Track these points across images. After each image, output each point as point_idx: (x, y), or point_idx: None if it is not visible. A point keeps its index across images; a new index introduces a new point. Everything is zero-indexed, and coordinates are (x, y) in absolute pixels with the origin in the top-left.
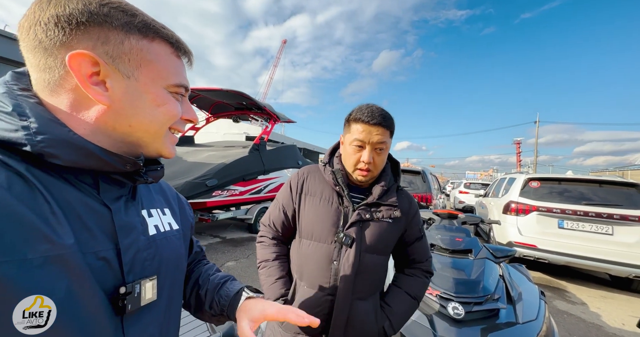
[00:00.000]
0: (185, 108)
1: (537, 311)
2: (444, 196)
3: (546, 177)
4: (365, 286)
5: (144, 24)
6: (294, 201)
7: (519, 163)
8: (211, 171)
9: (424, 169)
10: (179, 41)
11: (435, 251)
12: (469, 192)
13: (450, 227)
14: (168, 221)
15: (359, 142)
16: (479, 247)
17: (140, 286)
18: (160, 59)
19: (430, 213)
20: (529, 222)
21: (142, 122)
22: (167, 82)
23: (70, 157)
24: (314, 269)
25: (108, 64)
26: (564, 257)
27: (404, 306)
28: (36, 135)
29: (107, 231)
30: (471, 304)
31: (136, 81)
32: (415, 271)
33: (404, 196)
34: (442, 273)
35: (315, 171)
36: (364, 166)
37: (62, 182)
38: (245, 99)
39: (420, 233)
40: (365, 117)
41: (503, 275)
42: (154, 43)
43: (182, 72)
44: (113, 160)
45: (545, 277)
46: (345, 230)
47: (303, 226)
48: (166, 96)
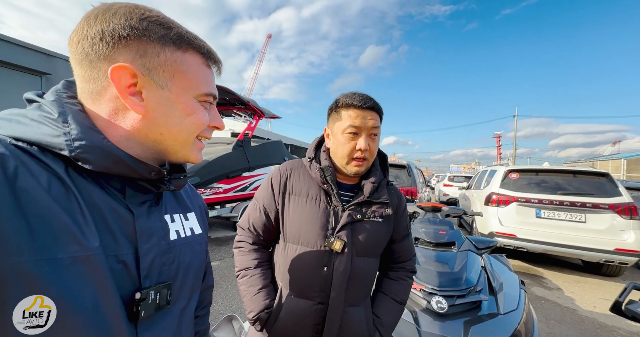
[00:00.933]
0: (212, 115)
1: (517, 300)
2: (429, 189)
3: (524, 168)
4: (357, 292)
5: (178, 36)
6: (277, 201)
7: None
8: (193, 168)
9: (409, 163)
10: (210, 51)
11: (420, 245)
12: (452, 185)
13: (434, 220)
14: (191, 225)
15: (354, 129)
16: (462, 240)
17: (156, 292)
18: (191, 69)
19: (414, 207)
20: (509, 213)
21: (172, 131)
22: (197, 91)
23: (102, 163)
24: (302, 276)
25: (145, 75)
26: (541, 246)
27: (392, 314)
28: (74, 142)
29: (128, 235)
30: (454, 297)
31: (169, 91)
32: (400, 273)
33: (393, 192)
34: (426, 267)
35: (298, 168)
36: (362, 154)
37: (93, 186)
38: (228, 94)
39: (407, 230)
40: (357, 102)
41: (485, 266)
42: (187, 54)
43: (211, 81)
44: (139, 167)
45: (524, 264)
46: (336, 233)
47: (288, 229)
48: (195, 105)
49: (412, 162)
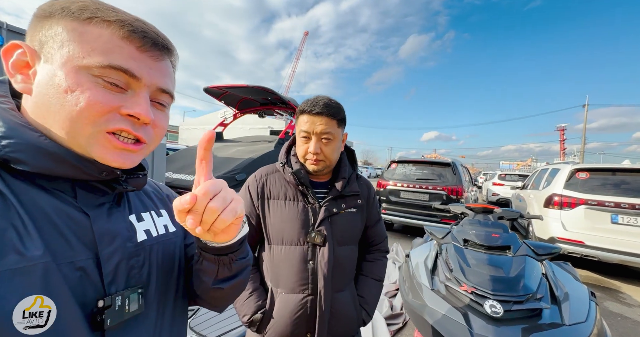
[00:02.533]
0: (131, 101)
1: (586, 312)
2: (476, 188)
3: (597, 167)
4: (341, 278)
5: (81, 7)
6: (257, 207)
7: (562, 152)
8: (240, 165)
9: (454, 160)
10: (123, 20)
11: (469, 247)
12: (504, 184)
13: (486, 223)
14: (164, 222)
15: (305, 133)
16: (519, 244)
17: (123, 297)
18: (86, 37)
19: (462, 207)
20: (576, 217)
21: (52, 115)
22: (85, 61)
23: (39, 163)
24: (290, 273)
25: (35, 50)
26: (617, 255)
27: (374, 291)
28: (1, 140)
29: (85, 239)
30: (510, 303)
31: (51, 64)
32: (375, 254)
33: (362, 183)
34: (477, 270)
35: (273, 172)
36: (312, 157)
37: (35, 189)
38: (270, 94)
39: (378, 215)
40: (307, 108)
41: (546, 273)
42: (90, 25)
43: (122, 54)
44: (87, 167)
45: (594, 276)
46: (316, 228)
47: (272, 231)
48: (79, 80)
49: (457, 159)
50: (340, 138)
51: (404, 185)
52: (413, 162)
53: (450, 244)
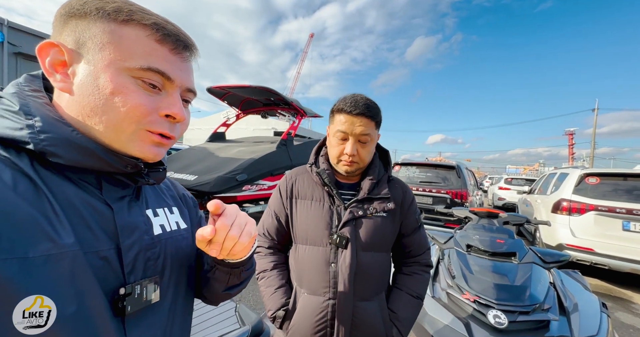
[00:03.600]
0: (165, 102)
1: (597, 325)
2: (482, 192)
3: (607, 172)
4: (367, 286)
5: (116, 9)
6: (285, 206)
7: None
8: (241, 166)
9: (458, 163)
10: (158, 24)
11: (473, 253)
12: (510, 189)
13: (490, 228)
14: (176, 219)
15: (342, 134)
16: (525, 250)
17: (141, 286)
18: (125, 41)
19: (466, 211)
20: (585, 223)
21: (97, 112)
22: (127, 63)
23: (72, 156)
24: (312, 274)
25: (74, 50)
26: (629, 264)
27: (409, 309)
28: (39, 134)
29: (108, 230)
30: (516, 313)
31: (93, 65)
32: (413, 267)
33: (396, 186)
34: (481, 277)
35: (303, 173)
36: (347, 159)
37: (65, 181)
38: (273, 94)
39: (417, 223)
40: (347, 107)
41: (554, 282)
42: (127, 27)
43: (158, 56)
44: (114, 160)
45: (605, 285)
46: (339, 230)
47: (297, 230)
48: (125, 83)
49: (462, 163)
50: (376, 140)
51: None
52: (417, 164)
53: (453, 249)
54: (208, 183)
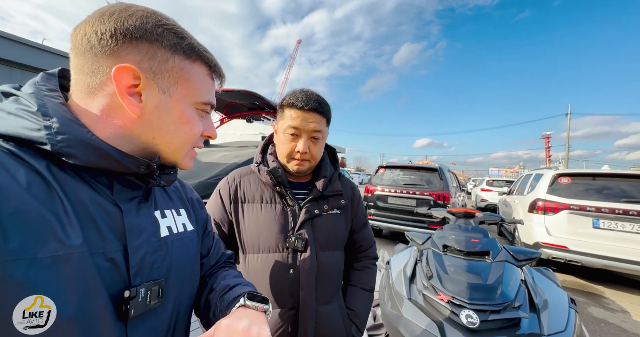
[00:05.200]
0: (207, 125)
1: (566, 320)
2: (465, 194)
3: (578, 172)
4: (327, 288)
5: (190, 47)
6: (229, 212)
7: (548, 159)
8: (224, 170)
9: (440, 165)
10: (217, 65)
11: (449, 253)
12: (492, 190)
13: (466, 227)
14: (183, 221)
15: (293, 130)
16: (498, 249)
17: (146, 290)
18: (196, 78)
19: (444, 212)
20: (559, 222)
21: (165, 137)
22: (197, 99)
23: (87, 157)
24: (269, 284)
25: (149, 78)
26: (599, 260)
27: (365, 304)
28: (57, 135)
29: (117, 231)
30: (487, 313)
31: (169, 97)
32: (364, 262)
33: (346, 183)
34: (455, 277)
35: (247, 174)
36: (300, 156)
37: (78, 181)
38: (257, 98)
39: (365, 218)
40: (299, 103)
41: (526, 280)
42: (195, 64)
43: (212, 92)
44: (128, 161)
45: (579, 281)
46: (297, 232)
47: (246, 239)
48: (192, 114)
49: (445, 165)
50: (326, 137)
51: (392, 190)
52: (401, 167)
53: (430, 250)
54: None
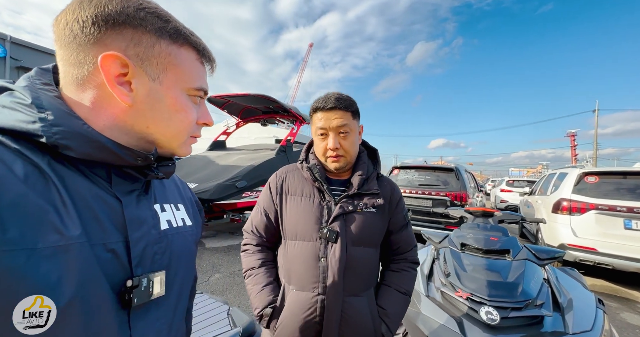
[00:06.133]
0: (201, 112)
1: (592, 320)
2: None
3: (605, 170)
4: (356, 281)
5: (175, 30)
6: (275, 202)
7: (574, 157)
8: (240, 173)
9: (457, 165)
10: (205, 49)
11: (467, 251)
12: (512, 191)
13: (485, 226)
14: (182, 216)
15: (321, 130)
16: (519, 248)
17: (148, 279)
18: (185, 64)
19: (462, 211)
20: (586, 222)
21: (159, 125)
22: (189, 85)
23: (84, 149)
24: (301, 269)
25: (137, 66)
26: (633, 263)
27: (398, 305)
28: (52, 127)
29: (117, 223)
30: (508, 309)
31: (160, 84)
32: (401, 264)
33: (385, 184)
34: (474, 275)
35: (293, 170)
36: (332, 153)
37: (75, 174)
38: (272, 102)
39: (405, 220)
40: (321, 105)
41: (549, 279)
42: (182, 49)
43: (203, 77)
44: (125, 153)
45: (610, 285)
46: (329, 225)
47: (286, 227)
48: (185, 101)
49: (462, 165)
50: (357, 130)
51: (407, 191)
52: (415, 167)
53: (447, 248)
54: (208, 191)
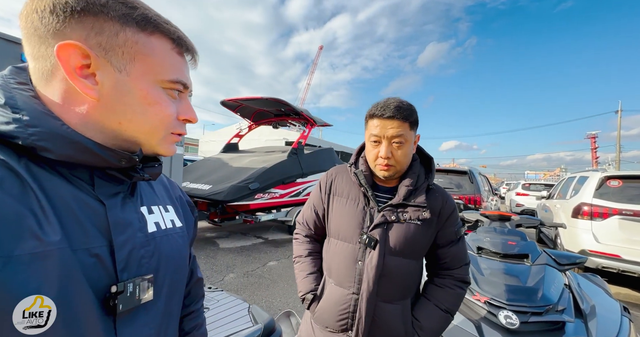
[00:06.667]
0: (182, 107)
1: (617, 328)
2: (497, 198)
3: (630, 174)
4: (391, 289)
5: (143, 17)
6: (324, 201)
7: (595, 160)
8: (253, 175)
9: (471, 168)
10: (181, 37)
11: (484, 255)
12: (528, 194)
13: (502, 230)
14: (171, 218)
15: (375, 138)
16: (538, 252)
17: (134, 284)
18: (156, 53)
19: (477, 214)
20: (609, 228)
21: (132, 121)
22: (161, 77)
23: (63, 151)
24: (340, 267)
25: (100, 56)
26: None
27: (434, 321)
28: (28, 128)
29: (101, 227)
30: (528, 314)
31: (127, 76)
32: (446, 280)
33: (437, 195)
34: (492, 279)
35: (343, 172)
36: (382, 162)
37: (55, 177)
38: (284, 105)
39: (455, 236)
40: (379, 112)
41: (570, 285)
42: (153, 37)
43: (181, 69)
44: (107, 155)
45: (636, 294)
46: (369, 231)
47: (331, 225)
48: (158, 94)
49: (476, 168)
50: (413, 140)
51: None
52: None
53: None
54: (222, 192)
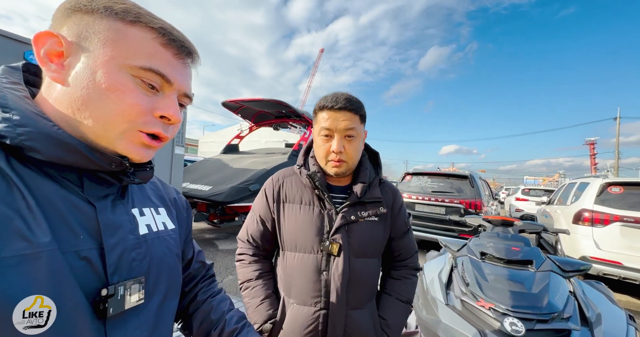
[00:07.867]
0: (161, 103)
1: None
2: (497, 203)
3: (632, 181)
4: (359, 294)
5: (124, 10)
6: (272, 210)
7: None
8: (254, 176)
9: (472, 173)
10: (165, 28)
11: (487, 260)
12: (528, 200)
13: (505, 235)
14: (162, 220)
15: (326, 131)
16: (542, 259)
17: (125, 287)
18: (129, 39)
19: (480, 219)
20: (610, 235)
21: (89, 106)
22: (129, 61)
23: (52, 151)
24: (302, 283)
25: (74, 43)
26: None
27: (399, 315)
28: (17, 128)
29: (91, 229)
30: (533, 321)
31: (93, 59)
32: (402, 271)
33: (387, 189)
34: (496, 285)
35: (290, 175)
36: (335, 157)
37: (43, 178)
38: (285, 107)
39: (406, 226)
40: (329, 103)
41: (575, 292)
42: (133, 27)
43: (160, 59)
44: (97, 158)
45: (637, 302)
46: (331, 236)
47: (285, 237)
48: (122, 80)
49: (476, 173)
50: (362, 136)
51: (419, 198)
52: (428, 174)
53: (466, 257)
54: (222, 193)
